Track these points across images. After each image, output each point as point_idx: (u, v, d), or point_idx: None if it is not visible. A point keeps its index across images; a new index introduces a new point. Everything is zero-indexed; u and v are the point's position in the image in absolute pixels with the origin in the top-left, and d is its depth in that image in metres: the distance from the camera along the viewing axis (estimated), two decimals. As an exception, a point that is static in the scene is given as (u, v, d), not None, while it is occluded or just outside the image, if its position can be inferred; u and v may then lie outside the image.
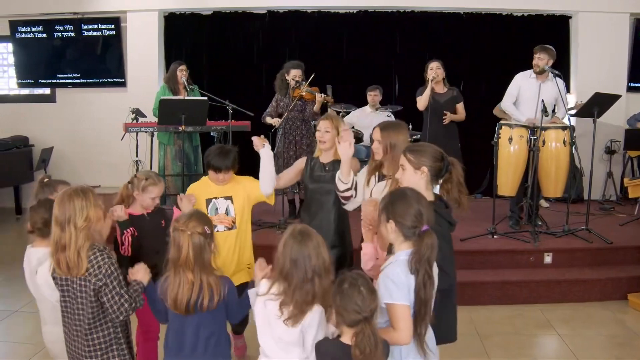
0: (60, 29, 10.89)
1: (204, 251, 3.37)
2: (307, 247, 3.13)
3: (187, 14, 10.78)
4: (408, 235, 3.12)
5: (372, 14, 10.52)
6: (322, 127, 4.95)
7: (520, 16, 10.30)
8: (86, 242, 3.35)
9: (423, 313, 3.06)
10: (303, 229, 3.24)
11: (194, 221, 3.38)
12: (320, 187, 4.97)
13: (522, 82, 7.66)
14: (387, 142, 4.23)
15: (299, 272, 3.10)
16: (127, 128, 8.35)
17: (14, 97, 11.62)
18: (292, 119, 7.69)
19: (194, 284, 3.32)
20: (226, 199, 4.85)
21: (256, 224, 7.70)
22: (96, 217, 3.44)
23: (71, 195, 3.39)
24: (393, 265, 3.12)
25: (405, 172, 3.63)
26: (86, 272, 3.33)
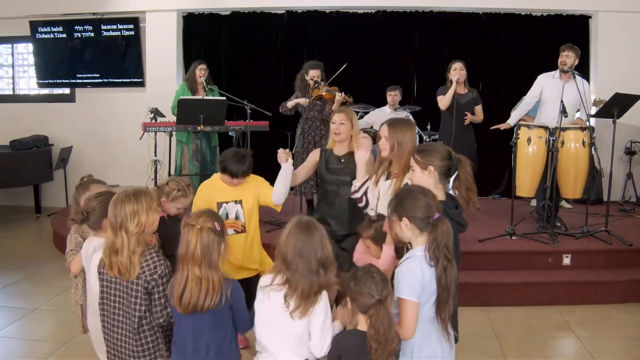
0: (79, 29, 10.96)
1: (212, 249, 3.27)
2: (313, 238, 3.13)
3: (205, 14, 10.82)
4: (423, 227, 3.18)
5: (390, 14, 10.51)
6: (337, 119, 5.14)
7: (540, 16, 10.25)
8: (138, 247, 3.36)
9: (445, 297, 3.13)
10: (308, 220, 3.23)
11: (204, 217, 3.31)
12: (336, 179, 5.18)
13: (545, 82, 7.63)
14: (395, 139, 4.23)
15: (304, 262, 3.09)
16: (145, 128, 8.38)
17: (34, 97, 11.72)
18: (311, 119, 7.69)
19: (201, 281, 3.22)
20: (236, 203, 4.99)
21: (274, 224, 7.72)
22: (151, 221, 3.45)
23: (123, 199, 3.39)
24: (409, 260, 3.17)
25: (415, 173, 3.68)
26: (140, 272, 3.35)
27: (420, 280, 3.08)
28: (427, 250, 3.14)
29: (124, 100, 10.97)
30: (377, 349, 2.96)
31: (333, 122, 5.19)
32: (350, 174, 4.94)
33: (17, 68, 11.84)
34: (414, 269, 3.11)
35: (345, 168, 5.12)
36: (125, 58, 11.00)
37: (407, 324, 3.09)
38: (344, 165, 5.16)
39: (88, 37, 10.98)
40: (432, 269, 3.12)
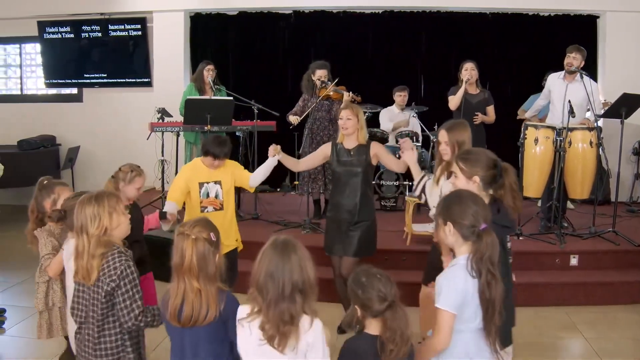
0: (87, 29, 10.98)
1: (209, 260, 3.11)
2: (288, 260, 2.86)
3: (213, 14, 10.83)
4: (467, 236, 3.09)
5: (397, 14, 10.50)
6: (344, 115, 5.47)
7: (547, 16, 10.22)
8: (98, 249, 3.26)
9: (491, 313, 3.06)
10: (287, 240, 2.97)
11: (199, 226, 3.16)
12: (347, 170, 5.48)
13: (552, 83, 7.65)
14: (454, 141, 4.45)
15: (275, 286, 2.82)
16: (153, 128, 8.39)
17: (41, 96, 11.75)
18: (319, 119, 7.71)
19: (201, 293, 3.08)
20: (215, 184, 5.45)
21: (281, 224, 7.73)
22: (115, 223, 3.36)
23: (83, 202, 3.33)
24: (453, 268, 3.13)
25: (458, 180, 3.68)
26: (100, 274, 3.24)
27: (460, 290, 3.04)
28: (469, 260, 3.07)
29: (131, 100, 10.99)
30: (392, 350, 2.88)
31: (340, 118, 5.50)
32: (360, 165, 5.44)
33: (25, 68, 11.87)
34: (456, 278, 3.06)
35: (355, 160, 5.47)
36: (132, 58, 11.02)
37: (441, 334, 3.05)
38: (353, 158, 5.48)
39: (95, 37, 11.00)
40: (475, 280, 3.05)
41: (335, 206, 5.56)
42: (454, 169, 3.71)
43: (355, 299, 2.98)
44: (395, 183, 8.70)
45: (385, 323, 2.89)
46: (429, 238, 7.03)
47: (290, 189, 10.29)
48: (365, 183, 5.49)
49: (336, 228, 5.53)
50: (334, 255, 5.59)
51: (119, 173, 4.87)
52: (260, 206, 8.37)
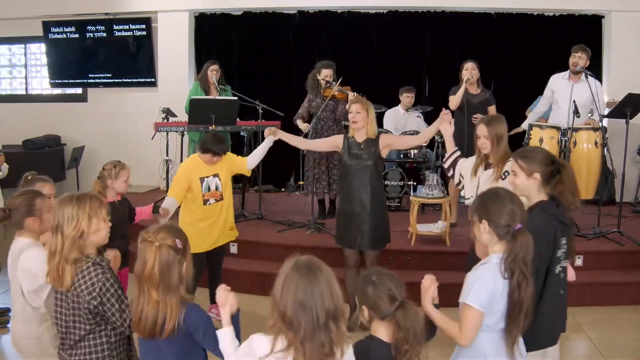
0: (92, 29, 11.00)
1: (172, 269, 2.90)
2: (318, 284, 2.48)
3: (217, 14, 10.84)
4: (502, 235, 3.08)
5: (402, 14, 10.50)
6: (354, 109, 5.60)
7: (552, 16, 10.21)
8: (72, 253, 3.10)
9: (516, 314, 3.02)
10: (310, 261, 2.58)
11: (164, 232, 2.96)
12: (358, 163, 5.58)
13: (555, 83, 7.62)
14: (494, 134, 4.63)
15: (309, 317, 2.44)
16: (157, 127, 8.39)
17: (46, 96, 11.78)
18: (323, 119, 7.72)
19: (159, 304, 2.88)
20: (214, 177, 5.79)
21: (285, 224, 7.74)
22: (93, 228, 3.18)
23: (63, 202, 3.18)
24: (485, 267, 3.11)
25: (517, 177, 3.67)
26: (77, 287, 3.08)
27: (490, 290, 3.02)
28: (502, 261, 3.04)
29: (136, 100, 11.01)
30: (407, 350, 2.76)
31: (350, 112, 5.65)
32: (370, 158, 5.55)
33: (30, 68, 11.89)
34: (486, 277, 3.04)
35: (365, 153, 5.58)
36: (137, 58, 11.03)
37: (466, 331, 3.04)
38: (363, 151, 5.58)
39: (100, 37, 11.02)
40: (505, 281, 3.02)
41: (347, 199, 5.66)
42: (512, 167, 3.71)
43: (364, 299, 2.88)
44: (400, 183, 8.69)
45: (397, 324, 2.78)
46: (433, 238, 7.05)
47: (294, 189, 10.29)
48: (376, 176, 5.62)
49: (349, 221, 5.61)
50: (350, 249, 5.67)
51: (104, 172, 5.08)
52: (265, 206, 8.36)
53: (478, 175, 4.80)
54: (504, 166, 4.60)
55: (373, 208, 5.55)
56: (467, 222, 7.96)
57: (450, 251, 6.88)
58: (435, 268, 6.77)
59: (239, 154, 6.45)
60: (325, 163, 7.86)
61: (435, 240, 7.07)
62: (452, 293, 6.40)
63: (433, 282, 3.30)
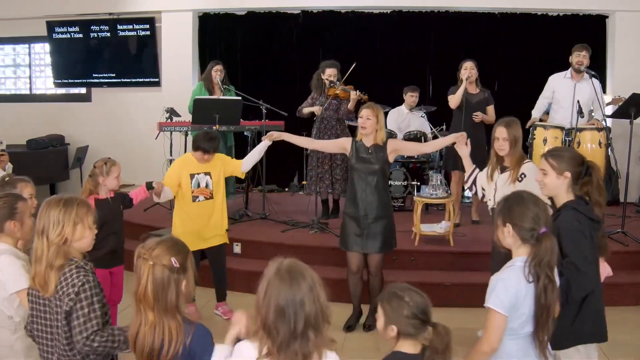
0: (95, 29, 11.02)
1: (168, 289, 2.69)
2: (299, 289, 2.37)
3: (221, 14, 10.85)
4: (526, 239, 3.04)
5: (406, 14, 10.50)
6: (364, 114, 5.56)
7: (556, 16, 10.20)
8: (58, 259, 2.96)
9: (544, 318, 2.99)
10: (292, 266, 2.45)
11: (160, 249, 2.73)
12: (366, 167, 5.56)
13: (556, 83, 7.59)
14: (512, 136, 4.72)
15: (286, 325, 2.34)
16: (161, 127, 8.40)
17: (50, 96, 11.81)
18: (327, 118, 7.72)
19: (156, 327, 2.67)
20: (205, 174, 5.87)
21: (289, 224, 7.73)
22: (78, 235, 3.05)
23: (50, 204, 3.04)
24: (508, 270, 3.07)
25: (548, 176, 3.64)
26: (59, 291, 2.94)
27: (513, 293, 2.98)
28: (527, 264, 3.00)
29: (139, 100, 11.02)
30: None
31: (360, 117, 5.59)
32: (378, 163, 5.53)
33: (34, 68, 11.92)
34: (510, 281, 3.01)
35: (373, 158, 5.55)
36: (141, 58, 11.05)
37: (489, 336, 3.02)
38: (372, 156, 5.56)
39: (104, 37, 11.04)
40: (530, 284, 2.99)
41: (353, 202, 5.63)
42: (542, 166, 3.69)
43: (391, 315, 2.73)
44: (404, 183, 8.68)
45: (428, 345, 2.70)
46: (437, 238, 7.04)
47: (298, 189, 10.29)
48: (382, 180, 5.63)
49: (355, 224, 5.59)
50: (353, 252, 5.65)
51: (95, 170, 5.14)
52: (269, 206, 8.36)
53: (495, 179, 4.86)
54: (520, 168, 4.71)
55: (379, 212, 5.54)
56: (470, 222, 8.00)
57: (454, 251, 6.87)
58: (439, 268, 6.80)
59: (242, 154, 6.46)
60: (329, 162, 7.85)
61: (439, 241, 7.07)
62: (456, 293, 6.39)
63: None
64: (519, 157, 4.74)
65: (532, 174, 4.71)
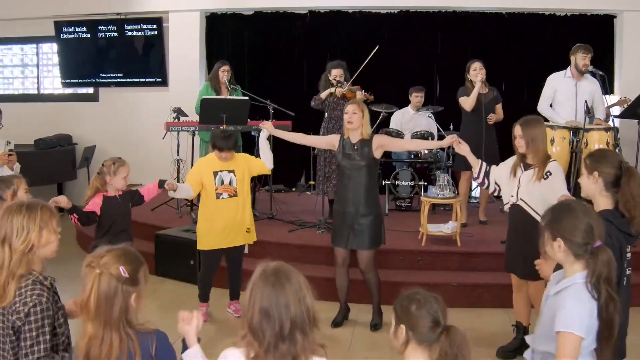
0: (103, 29, 11.03)
1: (114, 300, 2.51)
2: (284, 293, 2.33)
3: (228, 14, 10.86)
4: (579, 254, 2.88)
5: (413, 14, 10.48)
6: (350, 109, 5.65)
7: (564, 16, 10.18)
8: (20, 268, 2.84)
9: (607, 335, 2.83)
10: (277, 268, 2.41)
11: (108, 257, 2.57)
12: (352, 164, 5.63)
13: (557, 83, 7.53)
14: (528, 136, 4.77)
15: (272, 327, 2.30)
16: (168, 127, 8.41)
17: (58, 96, 11.83)
18: (334, 118, 7.72)
19: (96, 341, 2.50)
20: (229, 172, 5.85)
21: (296, 224, 7.74)
22: (44, 241, 2.94)
23: (12, 210, 2.92)
24: (578, 289, 2.87)
25: (582, 177, 3.63)
26: (12, 305, 2.80)
27: (589, 311, 2.81)
28: (587, 282, 2.83)
29: (147, 100, 11.04)
30: None
31: (346, 112, 5.67)
32: (364, 159, 5.58)
33: (41, 68, 11.94)
34: (584, 299, 2.82)
35: (358, 154, 5.61)
36: (148, 58, 11.06)
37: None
38: (357, 152, 5.62)
39: (112, 37, 11.05)
40: (594, 301, 2.81)
41: (341, 199, 5.72)
42: (581, 167, 3.66)
43: (404, 317, 2.57)
44: (411, 183, 8.68)
45: (443, 352, 2.48)
46: (444, 238, 7.04)
47: (305, 189, 10.30)
48: (369, 176, 5.64)
49: (342, 221, 5.65)
50: (340, 247, 5.70)
51: (103, 168, 5.20)
52: (276, 206, 8.38)
53: (518, 176, 4.89)
54: (546, 167, 4.76)
55: (366, 208, 5.58)
56: (478, 223, 7.98)
57: (461, 251, 6.86)
58: (446, 269, 6.79)
59: (250, 154, 6.47)
60: (336, 162, 7.85)
61: (446, 241, 7.06)
62: (463, 293, 6.38)
63: None
64: (543, 156, 4.80)
65: (558, 172, 4.75)
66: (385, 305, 5.72)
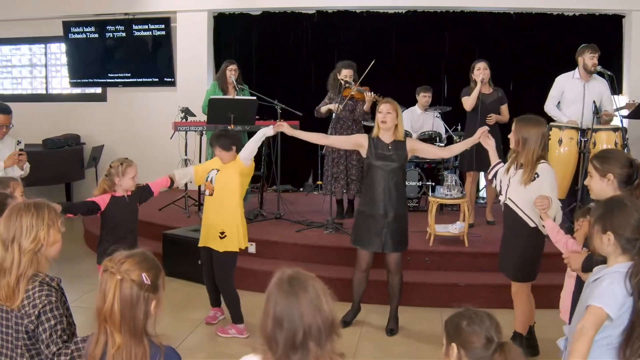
0: (111, 29, 11.06)
1: (137, 308, 2.43)
2: (297, 301, 2.22)
3: (236, 14, 10.87)
4: (627, 249, 2.87)
5: (421, 14, 10.47)
6: (384, 109, 5.56)
7: (572, 16, 10.15)
8: (30, 268, 2.84)
9: (637, 335, 2.79)
10: (295, 275, 2.30)
11: (130, 263, 2.47)
12: (386, 165, 5.51)
13: (565, 83, 7.51)
14: (520, 135, 4.72)
15: (285, 335, 2.20)
16: (176, 127, 8.43)
17: (66, 96, 11.86)
18: (343, 119, 7.72)
19: (123, 352, 2.41)
20: (216, 171, 5.68)
21: (303, 224, 7.74)
22: (51, 240, 2.94)
23: (20, 210, 2.91)
24: (613, 275, 2.86)
25: (592, 179, 3.60)
26: (22, 308, 2.80)
27: (623, 298, 2.79)
28: (628, 276, 2.80)
29: (154, 100, 11.06)
30: None
31: (380, 112, 5.57)
32: (398, 160, 5.52)
33: (50, 68, 11.98)
34: (622, 286, 2.80)
35: (394, 155, 5.52)
36: (156, 58, 11.08)
37: (586, 330, 2.79)
38: (392, 152, 5.52)
39: (120, 37, 11.08)
40: (630, 297, 2.79)
41: (370, 200, 5.57)
42: (588, 169, 3.65)
43: (454, 334, 2.41)
44: (418, 183, 8.68)
45: None
46: (451, 239, 7.03)
47: (312, 189, 10.30)
48: (402, 177, 5.65)
49: (372, 223, 5.55)
50: (369, 251, 5.63)
51: (111, 169, 5.15)
52: (283, 206, 8.38)
53: (510, 174, 4.85)
54: (535, 168, 4.67)
55: (398, 210, 5.52)
56: (485, 223, 7.96)
57: (469, 252, 6.86)
58: (453, 269, 6.79)
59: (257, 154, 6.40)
60: (344, 162, 7.85)
61: (454, 241, 7.05)
62: (470, 293, 6.37)
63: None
64: (533, 158, 4.69)
65: (546, 174, 4.71)
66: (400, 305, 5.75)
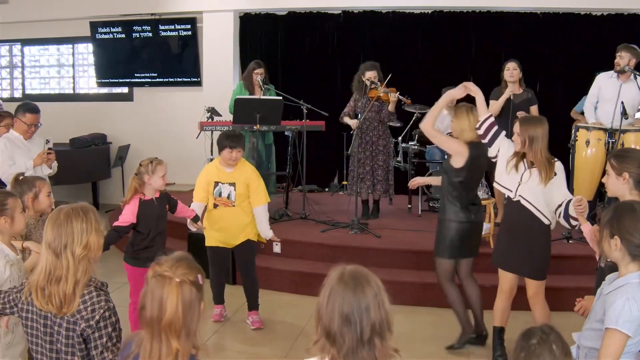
0: (138, 30, 11.12)
1: (194, 310, 2.38)
2: (364, 296, 2.22)
3: (262, 15, 10.89)
4: (636, 255, 2.87)
5: (447, 15, 10.43)
6: None
7: (600, 15, 10.06)
8: (85, 275, 2.82)
9: None
10: (357, 272, 2.33)
11: (184, 266, 2.43)
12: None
13: (602, 82, 7.43)
14: (525, 135, 4.62)
15: (353, 332, 2.18)
16: (202, 127, 8.47)
17: (93, 95, 11.96)
18: (369, 120, 7.72)
19: (178, 357, 2.33)
20: (230, 185, 5.67)
21: (329, 224, 7.74)
22: (97, 245, 2.91)
23: (69, 215, 2.84)
24: (627, 288, 2.86)
25: (609, 177, 3.61)
26: (76, 313, 2.77)
27: (637, 313, 2.78)
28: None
29: (181, 100, 11.11)
30: None
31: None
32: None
33: (77, 68, 12.07)
34: (637, 299, 2.79)
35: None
36: (182, 58, 11.12)
37: (610, 357, 2.79)
38: None
39: (146, 37, 11.13)
40: None
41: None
42: (606, 167, 3.64)
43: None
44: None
45: None
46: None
47: (338, 189, 10.29)
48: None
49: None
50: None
51: (141, 168, 5.10)
52: (309, 206, 8.39)
53: (521, 172, 4.76)
54: (553, 167, 4.64)
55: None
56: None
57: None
58: (479, 270, 6.74)
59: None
60: (370, 163, 7.85)
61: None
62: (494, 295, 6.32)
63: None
64: (544, 157, 4.63)
65: (562, 173, 4.72)
66: (422, 306, 5.73)
